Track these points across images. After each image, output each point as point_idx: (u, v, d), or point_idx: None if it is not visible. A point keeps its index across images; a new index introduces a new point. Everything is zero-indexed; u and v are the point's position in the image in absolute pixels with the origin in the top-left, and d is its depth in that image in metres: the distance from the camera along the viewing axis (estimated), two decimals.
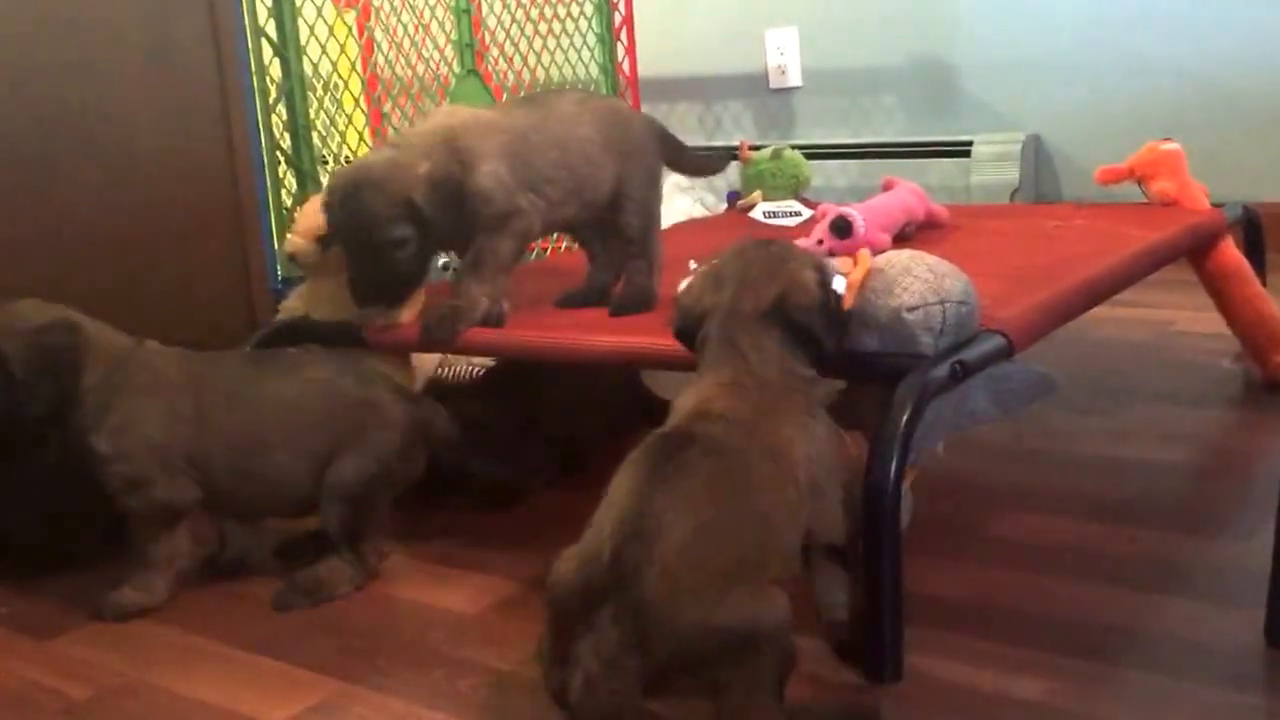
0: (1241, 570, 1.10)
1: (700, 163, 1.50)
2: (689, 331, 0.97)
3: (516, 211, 1.23)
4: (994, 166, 2.56)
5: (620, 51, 2.40)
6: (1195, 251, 1.59)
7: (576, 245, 1.47)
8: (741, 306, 0.93)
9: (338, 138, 1.97)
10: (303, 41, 1.83)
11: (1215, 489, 1.34)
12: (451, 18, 2.10)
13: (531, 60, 2.26)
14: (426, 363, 1.75)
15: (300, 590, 1.12)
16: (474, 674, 1.00)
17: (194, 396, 1.11)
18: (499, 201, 1.21)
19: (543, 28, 2.27)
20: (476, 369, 1.78)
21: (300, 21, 1.84)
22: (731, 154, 1.91)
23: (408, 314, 1.32)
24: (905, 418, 0.94)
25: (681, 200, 2.65)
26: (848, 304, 1.05)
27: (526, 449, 1.35)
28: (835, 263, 1.06)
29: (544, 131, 1.27)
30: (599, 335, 1.17)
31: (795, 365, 0.93)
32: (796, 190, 1.89)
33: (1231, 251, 1.61)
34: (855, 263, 1.06)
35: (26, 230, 1.47)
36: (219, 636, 1.09)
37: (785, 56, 2.89)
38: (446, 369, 1.81)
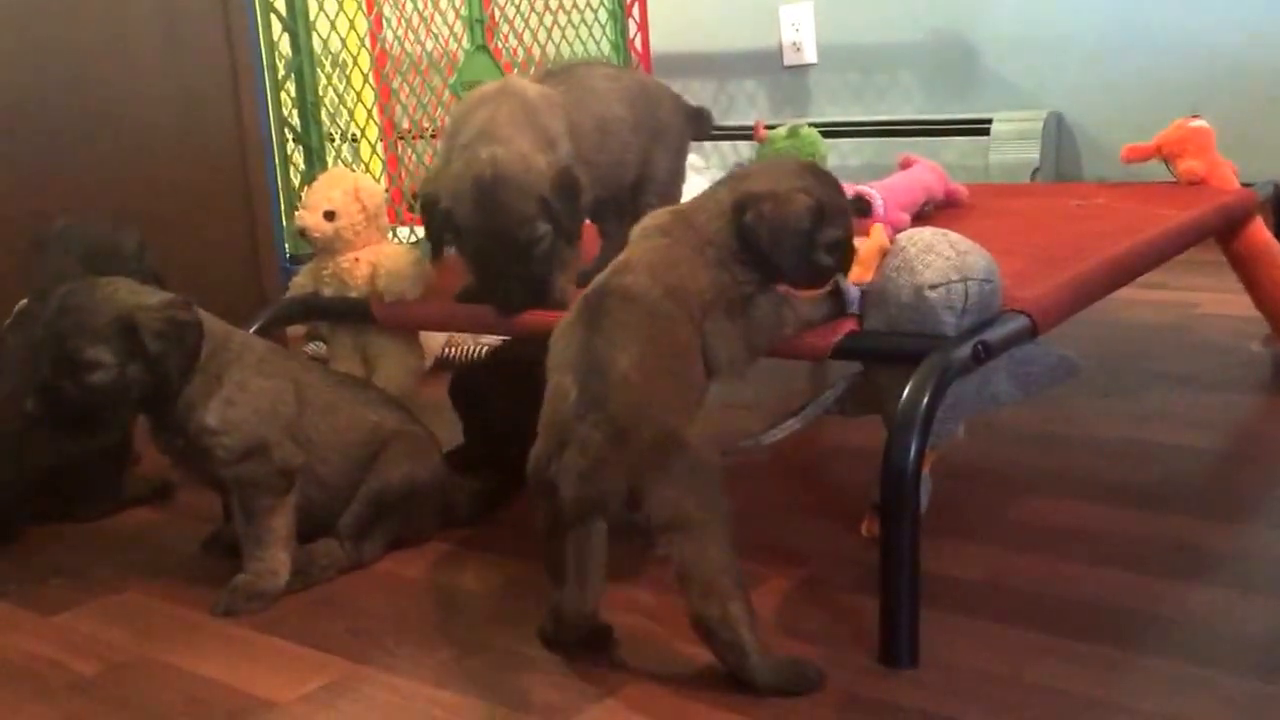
0: (1269, 558, 1.08)
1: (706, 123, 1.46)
2: None
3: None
4: (1014, 145, 2.51)
5: (632, 28, 2.36)
6: (1224, 231, 1.56)
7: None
8: (720, 194, 0.99)
9: (346, 114, 1.95)
10: (312, 17, 1.82)
11: (1242, 475, 1.31)
12: None
13: (542, 36, 2.22)
14: (434, 341, 1.73)
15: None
16: (482, 653, 0.99)
17: (296, 390, 1.13)
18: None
19: (553, 3, 2.24)
20: (483, 348, 1.76)
21: None
22: (746, 134, 1.88)
23: (417, 291, 1.30)
24: (925, 400, 0.92)
25: (696, 180, 2.62)
26: (863, 279, 1.02)
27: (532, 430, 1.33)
28: (857, 241, 1.03)
29: (584, 110, 1.22)
30: None
31: (733, 260, 0.96)
32: None
33: (1262, 232, 1.58)
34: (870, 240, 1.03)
35: (38, 207, 1.46)
36: None
37: (800, 32, 2.84)
38: (453, 348, 1.80)
